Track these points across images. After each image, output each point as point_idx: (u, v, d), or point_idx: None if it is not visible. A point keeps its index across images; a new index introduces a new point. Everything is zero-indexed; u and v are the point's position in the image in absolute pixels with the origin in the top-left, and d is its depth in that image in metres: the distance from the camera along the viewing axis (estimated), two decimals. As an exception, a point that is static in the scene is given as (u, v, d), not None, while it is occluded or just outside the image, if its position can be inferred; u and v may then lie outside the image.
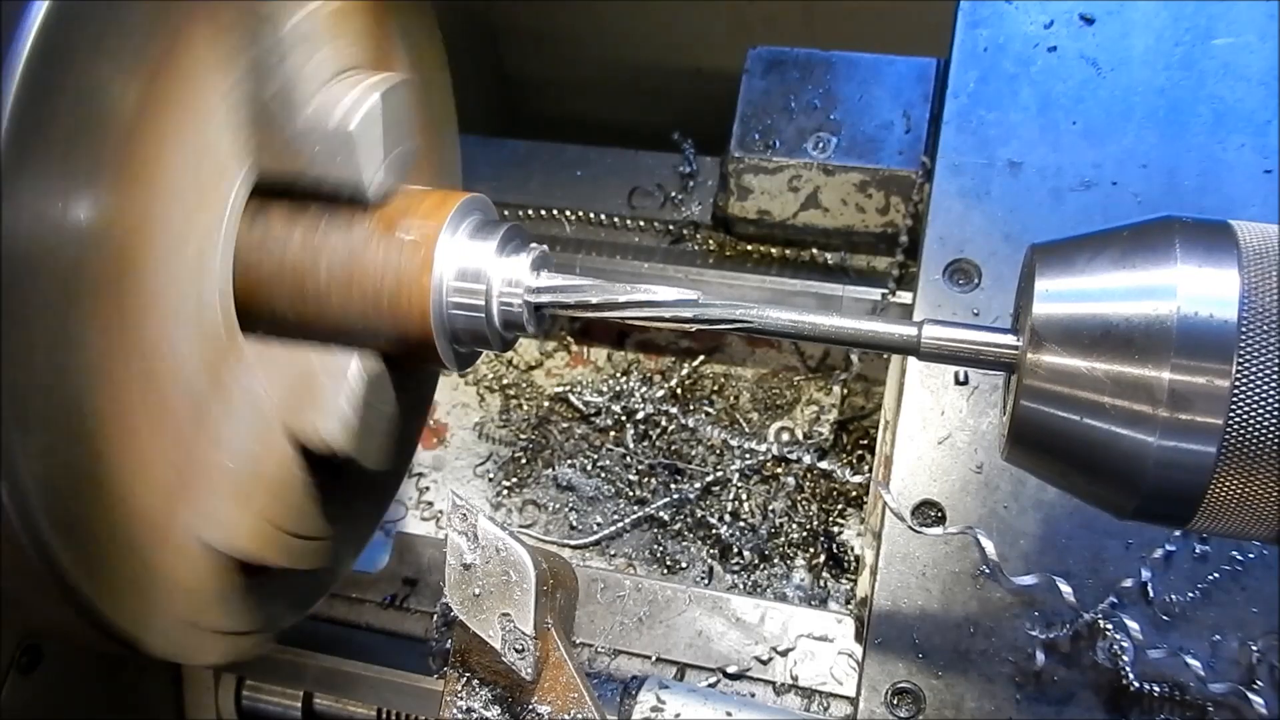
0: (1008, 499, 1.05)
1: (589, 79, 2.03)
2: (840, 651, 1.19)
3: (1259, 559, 1.01)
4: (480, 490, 1.47)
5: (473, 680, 0.88)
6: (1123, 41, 1.17)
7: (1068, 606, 0.99)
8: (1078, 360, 0.72)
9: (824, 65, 1.37)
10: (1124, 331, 0.71)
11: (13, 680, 1.11)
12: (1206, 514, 0.72)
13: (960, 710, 1.01)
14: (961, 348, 0.81)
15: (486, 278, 0.89)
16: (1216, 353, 0.68)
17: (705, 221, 1.47)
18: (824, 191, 1.35)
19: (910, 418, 1.10)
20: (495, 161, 1.53)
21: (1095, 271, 0.74)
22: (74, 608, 0.78)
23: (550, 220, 1.50)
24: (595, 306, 0.88)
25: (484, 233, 0.91)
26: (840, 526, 1.38)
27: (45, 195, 0.70)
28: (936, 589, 1.05)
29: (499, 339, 0.91)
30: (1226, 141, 1.12)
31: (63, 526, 0.75)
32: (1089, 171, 1.13)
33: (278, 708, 1.33)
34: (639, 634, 1.22)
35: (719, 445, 1.43)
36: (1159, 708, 0.99)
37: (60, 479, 0.75)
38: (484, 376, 1.52)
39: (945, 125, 1.18)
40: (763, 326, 0.84)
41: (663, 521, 1.40)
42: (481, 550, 0.84)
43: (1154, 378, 0.69)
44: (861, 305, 1.36)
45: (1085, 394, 0.72)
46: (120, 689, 1.27)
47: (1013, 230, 1.12)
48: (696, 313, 0.85)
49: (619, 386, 1.47)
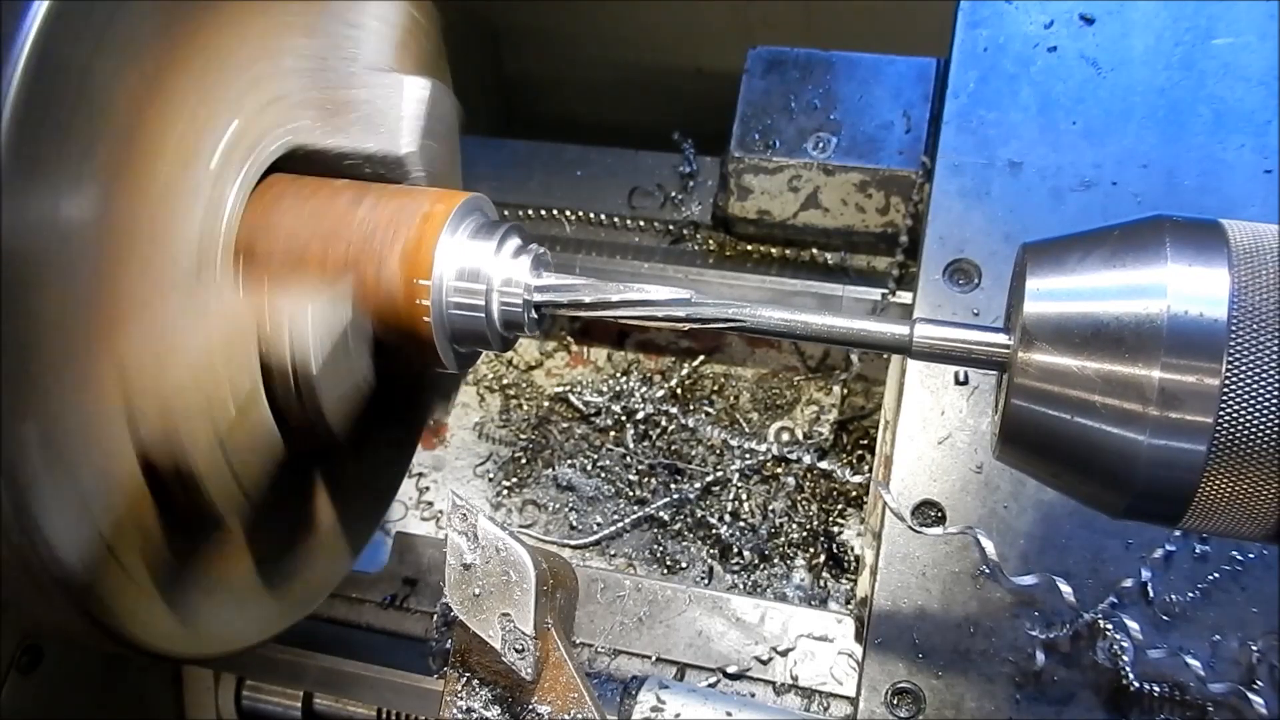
0: (1008, 499, 1.05)
1: (589, 79, 2.04)
2: (840, 651, 1.19)
3: (1259, 559, 1.01)
4: (480, 490, 1.47)
5: (473, 680, 0.88)
6: (1123, 41, 1.17)
7: (1068, 606, 0.99)
8: (1068, 359, 0.72)
9: (824, 65, 1.37)
10: (1114, 330, 0.71)
11: (13, 680, 1.11)
12: (1197, 512, 0.72)
13: (960, 710, 1.01)
14: (953, 347, 0.81)
15: (486, 278, 0.89)
16: (1206, 351, 0.69)
17: (705, 221, 1.47)
18: (824, 191, 1.35)
19: (910, 418, 1.10)
20: (495, 161, 1.53)
21: (1086, 270, 0.74)
22: (74, 608, 0.78)
23: (550, 220, 1.50)
24: (589, 306, 0.88)
25: (484, 233, 0.91)
26: (840, 526, 1.38)
27: (46, 193, 0.71)
28: (936, 589, 1.05)
29: (499, 339, 0.91)
30: (1226, 141, 1.12)
31: (63, 527, 0.75)
32: (1089, 171, 1.13)
33: (278, 708, 1.33)
34: (639, 634, 1.22)
35: (719, 445, 1.43)
36: (1159, 708, 0.99)
37: (60, 479, 0.75)
38: (484, 376, 1.52)
39: (945, 125, 1.18)
40: (755, 325, 0.84)
41: (663, 521, 1.40)
42: (481, 550, 0.84)
43: (1144, 376, 0.69)
44: (862, 305, 1.36)
45: (1076, 393, 0.72)
46: (120, 689, 1.27)
47: (1013, 230, 1.12)
48: (690, 312, 0.85)
49: (619, 386, 1.47)
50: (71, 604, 0.78)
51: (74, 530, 0.76)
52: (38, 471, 0.73)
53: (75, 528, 0.76)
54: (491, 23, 2.03)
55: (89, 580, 0.78)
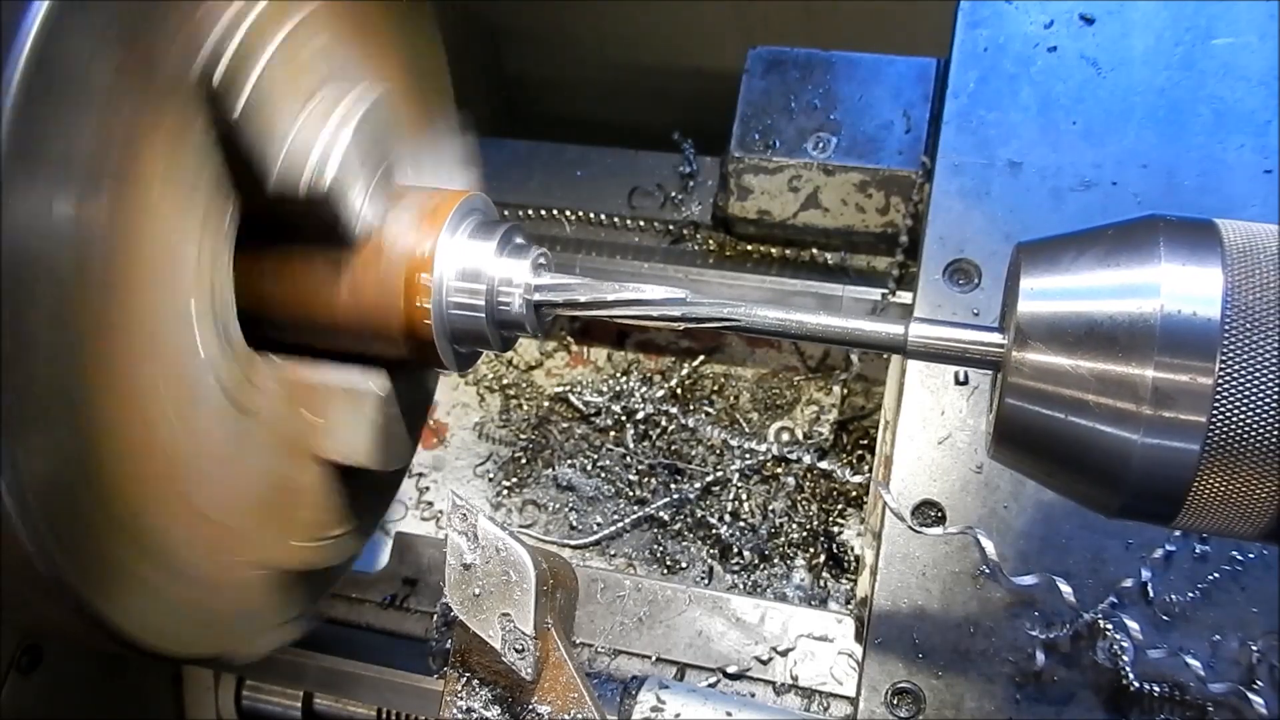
0: (1008, 499, 1.05)
1: (589, 79, 2.03)
2: (840, 651, 1.19)
3: (1259, 559, 1.01)
4: (480, 490, 1.47)
5: (473, 680, 0.88)
6: (1123, 41, 1.17)
7: (1068, 606, 0.99)
8: (1062, 358, 0.72)
9: (824, 65, 1.37)
10: (1108, 329, 0.71)
11: (13, 680, 1.11)
12: (1191, 511, 0.72)
13: (960, 710, 1.01)
14: (948, 346, 0.81)
15: (487, 278, 0.89)
16: (1200, 350, 0.69)
17: (705, 221, 1.47)
18: (824, 191, 1.35)
19: (910, 418, 1.10)
20: (495, 161, 1.52)
21: (1080, 270, 0.74)
22: (74, 608, 0.78)
23: (550, 220, 1.50)
24: (584, 305, 0.88)
25: (484, 233, 0.91)
26: (840, 526, 1.38)
27: (45, 196, 0.70)
28: (936, 589, 1.05)
29: (499, 339, 0.91)
30: (1226, 141, 1.12)
31: (63, 526, 0.75)
32: (1089, 171, 1.13)
33: (278, 708, 1.33)
34: (639, 634, 1.22)
35: (719, 445, 1.43)
36: (1159, 708, 0.99)
37: (61, 479, 0.75)
38: (484, 376, 1.52)
39: (945, 125, 1.18)
40: (750, 325, 0.84)
41: (663, 521, 1.40)
42: (481, 550, 0.84)
43: (1138, 375, 0.70)
44: (862, 305, 1.36)
45: (1070, 392, 0.72)
46: (120, 689, 1.27)
47: (1013, 230, 1.12)
48: (685, 311, 0.85)
49: (619, 386, 1.47)
50: (71, 604, 0.78)
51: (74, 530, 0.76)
52: (38, 472, 0.73)
53: (76, 527, 0.76)
54: (491, 23, 2.03)
55: (89, 580, 0.78)
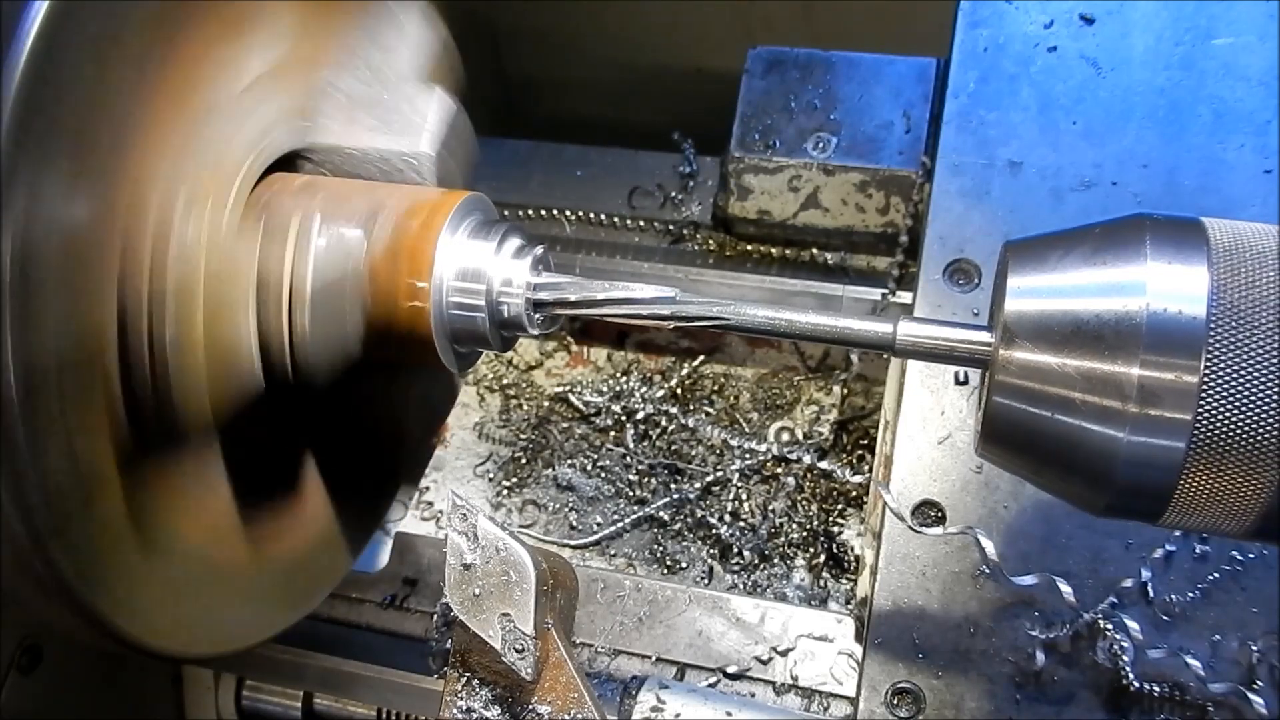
0: (1008, 499, 1.05)
1: (589, 79, 2.03)
2: (840, 651, 1.19)
3: (1259, 559, 1.01)
4: (480, 490, 1.47)
5: (473, 680, 0.88)
6: (1123, 41, 1.17)
7: (1068, 606, 0.99)
8: (1049, 356, 0.72)
9: (824, 65, 1.37)
10: (1094, 328, 0.71)
11: (13, 680, 1.11)
12: (1178, 509, 0.72)
13: (960, 710, 1.01)
14: (936, 345, 0.81)
15: (487, 278, 0.89)
16: (1185, 349, 0.69)
17: (705, 221, 1.47)
18: (824, 191, 1.35)
19: (910, 418, 1.10)
20: (495, 161, 1.52)
21: (1067, 268, 0.74)
22: (74, 608, 0.78)
23: (550, 220, 1.50)
24: (574, 304, 0.88)
25: (484, 233, 0.91)
26: (840, 526, 1.38)
27: (47, 193, 0.70)
28: (936, 589, 1.05)
29: (499, 339, 0.91)
30: (1226, 141, 1.12)
31: (63, 527, 0.75)
32: (1089, 171, 1.13)
33: (278, 708, 1.33)
34: (639, 634, 1.22)
35: (719, 445, 1.43)
36: (1159, 708, 0.99)
37: (61, 479, 0.75)
38: (484, 376, 1.52)
39: (945, 125, 1.18)
40: (740, 324, 0.84)
41: (663, 521, 1.40)
42: (481, 550, 0.84)
43: (1124, 374, 0.70)
44: (862, 305, 1.36)
45: (1056, 390, 0.72)
46: (120, 689, 1.28)
47: (1013, 230, 1.12)
48: (674, 310, 0.85)
49: (619, 386, 1.47)
50: (71, 604, 0.78)
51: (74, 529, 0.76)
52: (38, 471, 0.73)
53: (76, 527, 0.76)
54: (491, 23, 2.03)
55: (89, 580, 0.78)
